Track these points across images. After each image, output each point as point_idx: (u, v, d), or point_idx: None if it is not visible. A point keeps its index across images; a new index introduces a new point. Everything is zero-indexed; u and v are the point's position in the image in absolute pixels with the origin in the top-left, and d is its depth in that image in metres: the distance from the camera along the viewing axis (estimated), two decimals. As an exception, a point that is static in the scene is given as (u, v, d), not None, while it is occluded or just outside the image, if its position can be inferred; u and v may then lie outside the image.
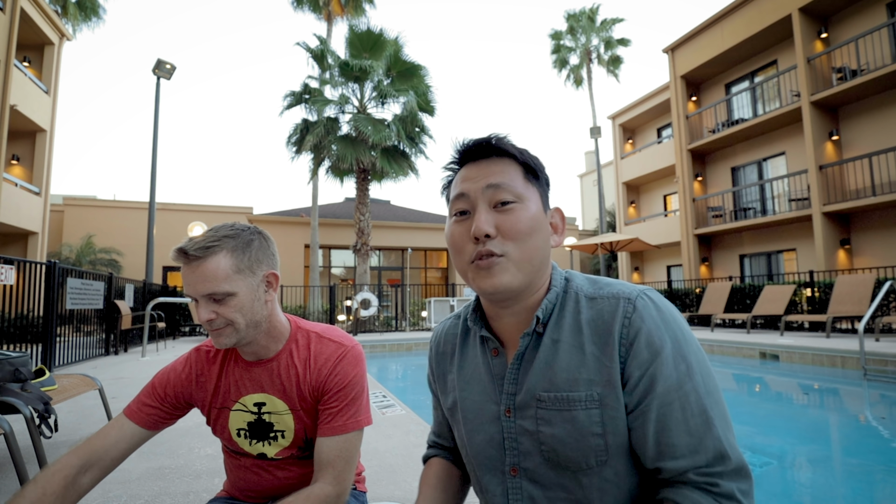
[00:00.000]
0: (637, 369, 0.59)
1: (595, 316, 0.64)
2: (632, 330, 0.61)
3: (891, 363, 5.20)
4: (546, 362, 0.65)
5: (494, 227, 0.64)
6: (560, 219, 0.72)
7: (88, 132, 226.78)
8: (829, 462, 3.04)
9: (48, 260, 5.78)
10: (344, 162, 13.03)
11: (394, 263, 19.62)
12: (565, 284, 0.70)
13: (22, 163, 12.86)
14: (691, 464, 0.57)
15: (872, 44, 10.69)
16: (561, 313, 0.67)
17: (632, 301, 0.63)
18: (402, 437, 2.87)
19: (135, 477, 2.28)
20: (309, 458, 1.07)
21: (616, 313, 0.62)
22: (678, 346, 0.60)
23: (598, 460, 0.61)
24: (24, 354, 2.43)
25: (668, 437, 0.58)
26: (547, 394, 0.64)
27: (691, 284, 12.91)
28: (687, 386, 0.59)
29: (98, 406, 3.62)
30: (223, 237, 0.93)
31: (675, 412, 0.58)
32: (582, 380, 0.62)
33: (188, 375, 1.04)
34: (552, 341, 0.66)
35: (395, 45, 13.29)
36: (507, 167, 0.67)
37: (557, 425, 0.62)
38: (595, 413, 0.60)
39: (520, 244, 0.64)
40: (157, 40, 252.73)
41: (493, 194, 0.66)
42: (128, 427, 0.97)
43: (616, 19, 19.06)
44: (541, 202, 0.69)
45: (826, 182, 11.22)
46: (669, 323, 0.62)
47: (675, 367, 0.59)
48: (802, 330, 9.13)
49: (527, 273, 0.65)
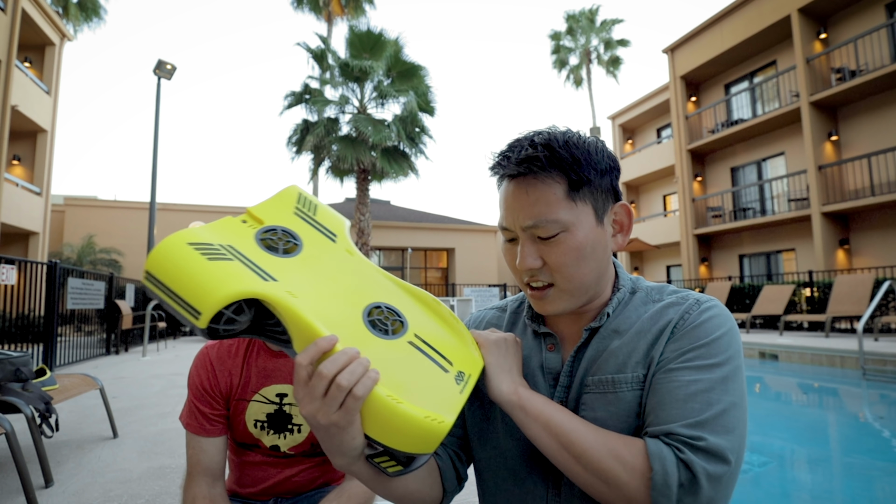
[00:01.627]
0: (673, 350, 0.60)
1: (658, 311, 0.65)
2: (687, 320, 0.61)
3: (890, 363, 5.21)
4: (597, 350, 0.65)
5: (539, 259, 0.62)
6: (626, 215, 0.67)
7: (89, 132, 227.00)
8: (828, 462, 3.05)
9: (49, 260, 5.80)
10: (344, 162, 13.04)
11: (394, 263, 19.63)
12: (633, 286, 0.70)
13: (23, 163, 12.87)
14: (664, 430, 0.54)
15: (871, 44, 10.69)
16: (626, 310, 0.67)
17: (701, 302, 0.63)
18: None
19: (136, 476, 2.29)
20: (318, 459, 1.08)
21: (679, 308, 0.63)
22: (718, 345, 0.59)
23: None
24: (26, 354, 2.44)
25: (661, 407, 0.56)
26: (592, 377, 0.63)
27: (691, 284, 12.92)
28: (704, 375, 0.56)
29: (99, 406, 3.63)
30: None
31: (680, 389, 0.56)
32: (630, 363, 0.62)
33: (211, 368, 1.05)
34: (610, 332, 0.66)
35: (396, 46, 13.30)
36: (547, 191, 0.61)
37: (600, 408, 0.61)
38: (638, 394, 0.60)
39: (568, 274, 0.62)
40: (158, 40, 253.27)
41: (533, 231, 0.62)
42: (212, 442, 1.02)
43: (615, 20, 19.09)
44: (594, 214, 0.63)
45: (825, 182, 11.22)
46: (723, 327, 0.60)
47: (704, 357, 0.58)
48: (801, 330, 9.14)
49: (583, 295, 0.65)
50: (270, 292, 0.49)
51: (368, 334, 0.54)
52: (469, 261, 19.71)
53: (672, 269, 17.19)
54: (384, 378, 0.49)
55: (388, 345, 0.54)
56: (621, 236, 0.67)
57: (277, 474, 1.07)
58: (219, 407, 1.04)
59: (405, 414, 0.48)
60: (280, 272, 0.54)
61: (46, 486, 2.14)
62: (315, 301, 0.53)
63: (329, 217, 0.66)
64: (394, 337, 0.55)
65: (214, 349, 1.07)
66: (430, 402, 0.51)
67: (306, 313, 0.49)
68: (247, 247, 0.56)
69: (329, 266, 0.60)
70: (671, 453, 0.52)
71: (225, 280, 0.48)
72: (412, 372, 0.53)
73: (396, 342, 0.55)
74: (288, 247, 0.59)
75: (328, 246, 0.62)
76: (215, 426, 1.02)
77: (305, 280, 0.55)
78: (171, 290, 0.48)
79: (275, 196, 0.66)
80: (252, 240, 0.57)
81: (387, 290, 0.61)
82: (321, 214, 0.65)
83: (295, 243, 0.60)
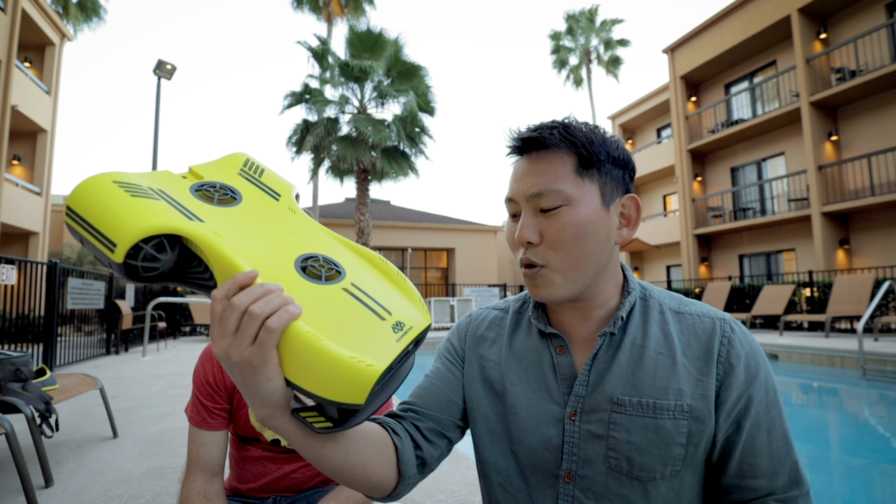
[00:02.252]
0: (735, 390, 0.60)
1: (685, 329, 0.64)
2: (732, 351, 0.62)
3: (890, 363, 5.21)
4: (629, 366, 0.63)
5: (538, 234, 0.62)
6: (634, 209, 0.65)
7: (89, 132, 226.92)
8: (828, 462, 3.05)
9: (49, 260, 5.80)
10: (344, 162, 13.04)
11: (394, 263, 19.58)
12: (644, 292, 0.69)
13: (23, 163, 12.88)
14: (769, 485, 0.60)
15: (871, 44, 10.69)
16: (644, 320, 0.66)
17: (728, 322, 0.64)
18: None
19: (136, 476, 2.29)
20: None
21: (714, 332, 0.63)
22: (767, 373, 0.63)
23: (673, 471, 0.60)
24: (26, 354, 2.44)
25: (753, 457, 0.60)
26: (629, 398, 0.61)
27: (691, 284, 12.92)
28: (773, 411, 0.61)
29: (99, 406, 3.63)
30: None
31: (763, 435, 0.60)
32: (672, 389, 0.61)
33: (216, 363, 1.06)
34: (636, 346, 0.64)
35: (396, 46, 13.30)
36: (557, 163, 0.62)
37: (637, 432, 0.60)
38: (683, 424, 0.60)
39: (565, 252, 0.61)
40: (158, 40, 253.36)
41: (536, 202, 0.62)
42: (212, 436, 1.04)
43: (615, 20, 19.09)
44: (600, 197, 0.62)
45: (825, 182, 11.23)
46: (761, 350, 0.64)
47: (765, 392, 0.61)
48: (801, 330, 9.14)
49: (578, 280, 0.63)
50: (193, 229, 0.46)
51: (298, 278, 0.49)
52: (469, 261, 19.72)
53: (672, 269, 17.19)
54: (309, 318, 0.45)
55: (318, 289, 0.49)
56: (627, 230, 0.65)
57: (277, 470, 1.09)
58: (221, 402, 1.06)
59: (328, 352, 0.42)
60: (210, 217, 0.51)
61: (46, 486, 2.14)
62: (242, 244, 0.49)
63: (275, 180, 0.62)
64: (327, 283, 0.50)
65: None
66: (360, 347, 0.46)
67: (230, 252, 0.46)
68: (178, 193, 0.52)
69: (266, 220, 0.56)
70: None
71: (144, 213, 0.45)
72: (343, 316, 0.48)
73: (329, 287, 0.50)
74: (224, 199, 0.55)
75: (269, 203, 0.58)
76: (216, 420, 1.04)
77: (236, 227, 0.52)
78: (89, 223, 0.46)
79: (220, 158, 0.63)
80: (186, 189, 0.54)
81: (327, 245, 0.56)
82: (267, 177, 0.62)
83: (233, 196, 0.56)
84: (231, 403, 1.08)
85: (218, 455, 1.03)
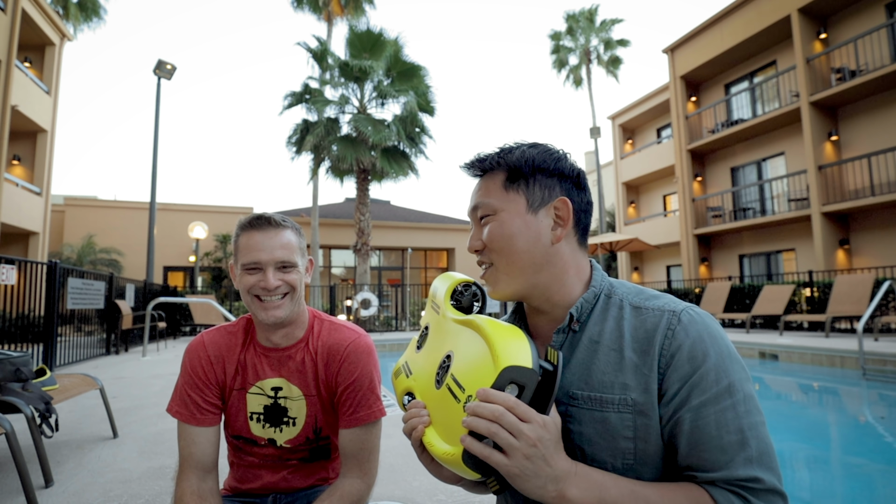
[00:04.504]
0: (676, 382, 0.60)
1: (638, 325, 0.65)
2: (674, 342, 0.61)
3: (890, 363, 5.21)
4: (583, 362, 0.66)
5: (481, 241, 0.73)
6: (566, 210, 0.70)
7: (89, 132, 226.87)
8: (828, 462, 3.05)
9: (49, 260, 5.80)
10: (344, 162, 13.04)
11: (394, 263, 19.63)
12: (609, 289, 0.71)
13: (23, 163, 12.87)
14: (721, 476, 0.57)
15: (871, 44, 10.69)
16: (603, 316, 0.68)
17: (677, 314, 0.63)
18: (402, 436, 2.87)
19: (136, 476, 2.29)
20: (314, 456, 1.09)
21: (659, 324, 0.63)
22: (721, 362, 0.60)
23: (624, 464, 0.61)
24: (26, 354, 2.44)
25: (700, 451, 0.58)
26: (581, 392, 0.65)
27: (691, 284, 12.92)
28: (725, 402, 0.58)
29: (99, 406, 3.63)
30: (283, 218, 1.03)
31: (710, 427, 0.58)
32: (617, 383, 0.62)
33: (206, 356, 1.05)
34: (591, 342, 0.67)
35: (395, 46, 13.30)
36: (490, 181, 0.73)
37: (587, 424, 0.63)
38: (627, 417, 0.61)
39: (499, 254, 0.70)
40: (158, 40, 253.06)
41: (475, 215, 0.74)
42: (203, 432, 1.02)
43: (615, 20, 19.07)
44: (525, 204, 0.70)
45: (825, 182, 11.23)
46: (715, 338, 0.62)
47: (715, 382, 0.59)
48: (801, 330, 9.14)
49: (521, 277, 0.70)
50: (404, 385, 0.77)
51: (433, 388, 0.69)
52: (469, 261, 19.71)
53: (672, 270, 17.19)
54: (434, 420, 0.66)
55: (437, 393, 0.67)
56: (561, 229, 0.70)
57: (275, 469, 1.08)
58: (211, 396, 1.03)
59: (435, 453, 0.61)
60: (413, 364, 0.78)
61: (46, 486, 2.14)
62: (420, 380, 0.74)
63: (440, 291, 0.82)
64: (438, 386, 0.68)
65: (210, 337, 1.07)
66: (449, 435, 0.61)
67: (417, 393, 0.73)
68: (410, 351, 0.83)
69: (432, 339, 0.77)
70: (741, 502, 0.57)
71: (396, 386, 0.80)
72: (442, 411, 0.64)
73: (441, 390, 0.66)
74: (421, 342, 0.81)
75: (435, 319, 0.79)
76: (206, 415, 1.01)
77: (422, 361, 0.76)
78: None
79: None
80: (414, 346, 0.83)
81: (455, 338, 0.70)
82: (437, 295, 0.83)
83: (425, 334, 0.80)
84: (224, 401, 1.06)
85: (210, 452, 1.01)
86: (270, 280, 0.96)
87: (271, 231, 0.99)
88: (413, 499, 1.98)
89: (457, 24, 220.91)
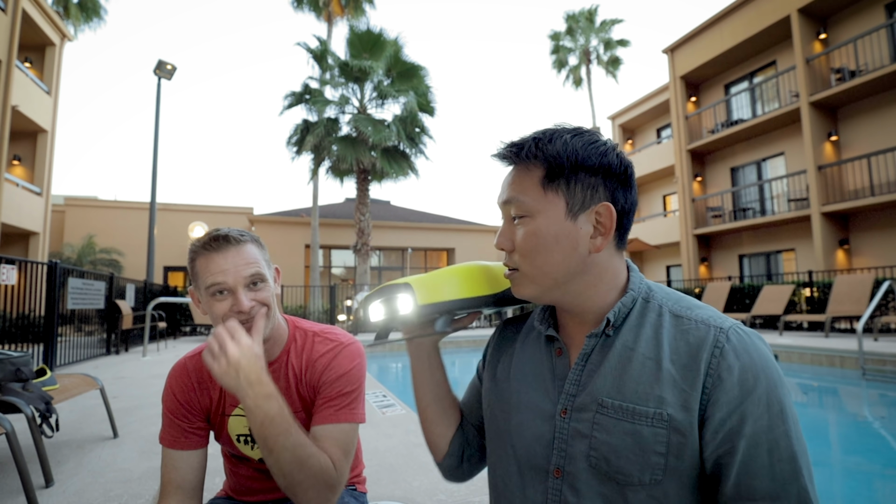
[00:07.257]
0: (725, 406, 0.56)
1: (679, 336, 0.61)
2: (723, 362, 0.57)
3: (889, 363, 5.22)
4: (616, 369, 0.63)
5: (510, 240, 0.68)
6: (609, 216, 0.64)
7: (89, 132, 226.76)
8: (828, 462, 3.05)
9: (50, 260, 5.80)
10: (344, 162, 13.05)
11: (394, 263, 19.63)
12: (648, 293, 0.67)
13: (23, 163, 12.88)
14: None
15: (871, 44, 10.70)
16: (640, 322, 0.64)
17: (724, 331, 0.59)
18: (402, 436, 2.88)
19: (136, 476, 2.29)
20: None
21: (706, 340, 0.59)
22: (772, 387, 0.57)
23: (652, 479, 0.58)
24: (26, 354, 2.45)
25: (751, 479, 0.56)
26: (611, 400, 0.61)
27: (690, 284, 12.92)
28: (778, 430, 0.56)
29: (99, 406, 3.63)
30: (241, 233, 0.96)
31: (762, 456, 0.55)
32: (653, 396, 0.59)
33: (188, 381, 1.01)
34: (625, 348, 0.63)
35: (395, 46, 13.31)
36: (525, 175, 0.66)
37: (615, 435, 0.60)
38: (661, 433, 0.58)
39: (529, 261, 0.65)
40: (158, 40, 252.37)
41: (507, 210, 0.68)
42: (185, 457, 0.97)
43: (615, 20, 19.08)
44: (565, 209, 0.64)
45: (825, 182, 11.23)
46: (766, 361, 0.58)
47: (767, 409, 0.56)
48: (801, 330, 9.14)
49: (548, 285, 0.66)
50: None
51: None
52: (469, 261, 19.69)
53: (672, 269, 17.20)
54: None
55: None
56: (601, 239, 0.64)
57: (268, 486, 1.07)
58: (196, 420, 1.00)
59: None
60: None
61: (46, 486, 2.15)
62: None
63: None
64: None
65: (193, 363, 1.03)
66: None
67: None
68: None
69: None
70: None
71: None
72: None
73: None
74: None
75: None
76: (189, 439, 0.98)
77: None
78: None
79: None
80: None
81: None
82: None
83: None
84: (211, 423, 1.02)
85: (192, 478, 0.96)
86: (243, 302, 0.89)
87: (232, 249, 0.91)
88: (413, 499, 1.98)
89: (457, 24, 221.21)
